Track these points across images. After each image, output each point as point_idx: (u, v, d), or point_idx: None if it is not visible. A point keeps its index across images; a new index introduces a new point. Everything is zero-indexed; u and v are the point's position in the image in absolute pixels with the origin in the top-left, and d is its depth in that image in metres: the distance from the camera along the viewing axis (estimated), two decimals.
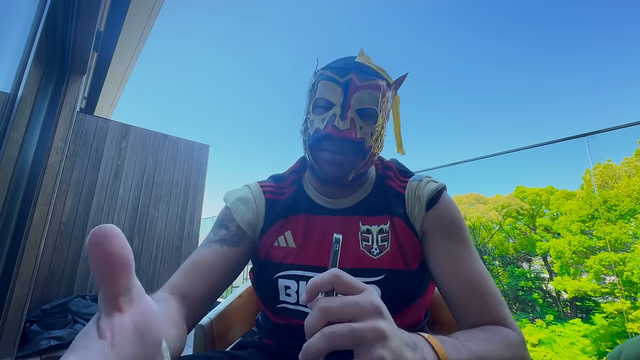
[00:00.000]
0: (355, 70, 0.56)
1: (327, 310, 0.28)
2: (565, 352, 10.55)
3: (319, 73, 0.60)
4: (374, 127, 0.57)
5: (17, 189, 1.64)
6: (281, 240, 0.61)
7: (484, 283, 0.51)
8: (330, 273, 0.30)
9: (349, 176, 0.58)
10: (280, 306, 0.59)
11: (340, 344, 0.27)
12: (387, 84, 0.59)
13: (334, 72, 0.58)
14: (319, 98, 0.58)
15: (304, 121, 0.61)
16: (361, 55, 0.59)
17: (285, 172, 0.71)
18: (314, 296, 0.31)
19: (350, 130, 0.55)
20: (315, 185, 0.66)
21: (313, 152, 0.59)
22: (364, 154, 0.58)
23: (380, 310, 0.30)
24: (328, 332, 0.27)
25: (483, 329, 0.46)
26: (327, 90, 0.57)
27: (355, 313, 0.28)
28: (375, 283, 0.55)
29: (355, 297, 0.29)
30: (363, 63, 0.57)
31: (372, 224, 0.59)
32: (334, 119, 0.55)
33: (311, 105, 0.60)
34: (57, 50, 1.78)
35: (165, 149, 2.99)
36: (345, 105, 0.56)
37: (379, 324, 0.29)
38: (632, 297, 9.40)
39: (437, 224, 0.57)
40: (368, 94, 0.56)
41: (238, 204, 0.64)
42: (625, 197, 10.45)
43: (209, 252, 0.58)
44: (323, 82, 0.58)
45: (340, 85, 0.56)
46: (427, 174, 0.66)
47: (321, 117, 0.57)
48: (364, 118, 0.57)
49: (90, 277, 2.43)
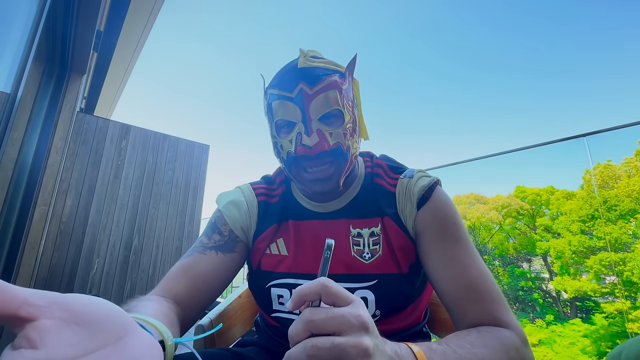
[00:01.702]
0: (302, 79, 0.52)
1: (311, 322, 0.28)
2: (565, 352, 10.54)
3: (269, 93, 0.57)
4: (343, 127, 0.54)
5: (17, 189, 1.64)
6: (273, 247, 0.60)
7: (481, 282, 0.49)
8: (318, 282, 0.30)
9: (339, 184, 0.56)
10: (275, 315, 0.58)
11: (321, 358, 0.27)
12: (340, 75, 0.55)
13: (281, 88, 0.54)
14: (278, 120, 0.55)
15: (274, 145, 0.59)
16: (302, 56, 0.54)
17: (272, 173, 0.70)
18: (299, 305, 0.30)
19: (321, 143, 0.52)
20: (302, 189, 0.63)
21: (295, 175, 0.57)
22: (345, 157, 0.55)
23: (366, 325, 0.29)
24: (309, 345, 0.27)
25: (479, 332, 0.44)
26: (283, 110, 0.54)
27: (340, 326, 0.28)
28: (368, 288, 0.54)
29: (341, 310, 0.29)
30: (307, 66, 0.53)
31: (362, 227, 0.57)
32: (300, 137, 0.53)
33: (274, 129, 0.57)
34: (57, 50, 1.78)
35: (165, 149, 2.99)
36: (306, 120, 0.53)
37: (364, 340, 0.28)
38: (632, 297, 9.39)
39: (429, 222, 0.54)
40: (324, 97, 0.52)
41: (230, 207, 0.62)
42: (625, 197, 10.44)
43: (204, 259, 0.56)
44: (275, 103, 0.55)
45: (293, 101, 0.53)
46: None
47: (288, 139, 0.55)
48: (330, 122, 0.54)
49: (90, 277, 2.43)
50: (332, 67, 0.55)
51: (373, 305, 0.53)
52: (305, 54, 0.55)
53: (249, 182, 0.69)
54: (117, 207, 2.63)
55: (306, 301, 0.30)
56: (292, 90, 0.53)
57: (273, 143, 0.59)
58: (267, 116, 0.59)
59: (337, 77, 0.54)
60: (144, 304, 0.43)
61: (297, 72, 0.53)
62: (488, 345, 0.41)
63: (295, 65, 0.54)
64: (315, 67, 0.53)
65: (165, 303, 0.47)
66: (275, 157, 0.61)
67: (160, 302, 0.46)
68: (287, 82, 0.54)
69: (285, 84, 0.54)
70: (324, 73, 0.54)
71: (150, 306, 0.42)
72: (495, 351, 0.40)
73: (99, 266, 2.48)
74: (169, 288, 0.52)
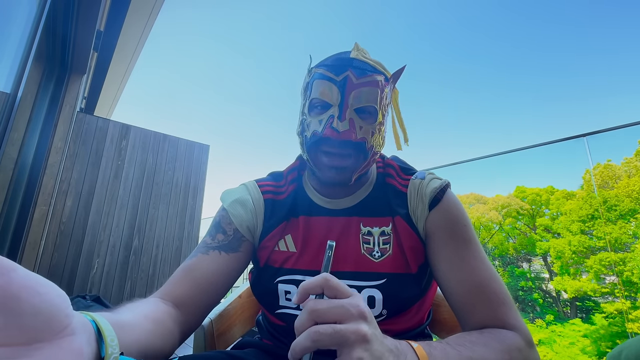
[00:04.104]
0: (351, 67, 0.54)
1: (314, 311, 0.31)
2: (565, 352, 10.54)
3: (313, 71, 0.58)
4: (374, 125, 0.55)
5: (17, 189, 1.64)
6: (281, 244, 0.60)
7: (488, 284, 0.49)
8: (321, 277, 0.33)
9: (352, 178, 0.56)
10: (280, 311, 0.58)
11: (324, 344, 0.29)
12: (385, 78, 0.56)
13: (328, 70, 0.55)
14: (315, 98, 0.56)
15: (300, 122, 0.59)
16: (356, 50, 0.56)
17: (284, 170, 0.69)
18: (304, 298, 0.33)
19: (350, 132, 0.53)
20: (314, 184, 0.64)
21: (312, 156, 0.57)
22: (366, 155, 0.55)
23: (365, 314, 0.32)
24: (313, 331, 0.30)
25: (481, 332, 0.44)
26: (323, 90, 0.54)
27: (341, 315, 0.30)
28: (377, 287, 0.54)
29: (342, 301, 0.31)
30: (359, 58, 0.55)
31: (373, 225, 0.58)
32: (332, 120, 0.53)
33: (307, 106, 0.57)
34: (57, 50, 1.78)
35: (165, 149, 2.99)
36: (343, 106, 0.53)
37: (362, 327, 0.30)
38: (632, 297, 9.39)
39: (441, 224, 0.55)
40: (366, 91, 0.53)
41: (236, 206, 0.61)
42: (625, 197, 10.44)
43: (207, 259, 0.56)
44: (318, 82, 0.55)
45: (337, 84, 0.54)
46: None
47: (318, 119, 0.55)
48: (363, 117, 0.54)
49: (91, 277, 2.43)
50: (380, 69, 0.57)
51: (380, 304, 0.53)
52: (359, 49, 0.57)
53: (255, 179, 0.69)
54: (117, 207, 2.63)
55: (310, 295, 0.33)
56: (339, 74, 0.54)
57: (300, 121, 0.59)
58: (304, 93, 0.60)
59: (382, 79, 0.56)
60: (129, 307, 0.42)
61: (348, 60, 0.55)
62: (488, 344, 0.41)
63: (348, 55, 0.56)
64: (365, 62, 0.55)
65: (162, 306, 0.47)
66: (297, 136, 0.61)
67: (154, 304, 0.46)
68: (337, 66, 0.55)
69: (334, 67, 0.55)
70: (372, 70, 0.55)
71: (134, 308, 0.41)
72: (495, 351, 0.40)
73: (99, 266, 2.47)
74: (170, 291, 0.51)
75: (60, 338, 0.22)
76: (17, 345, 0.20)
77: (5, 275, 0.19)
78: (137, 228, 2.71)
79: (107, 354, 0.26)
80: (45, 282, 0.22)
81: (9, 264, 0.20)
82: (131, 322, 0.36)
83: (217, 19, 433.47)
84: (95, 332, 0.27)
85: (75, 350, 0.23)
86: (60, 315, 0.22)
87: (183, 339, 0.50)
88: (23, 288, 0.20)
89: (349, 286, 0.34)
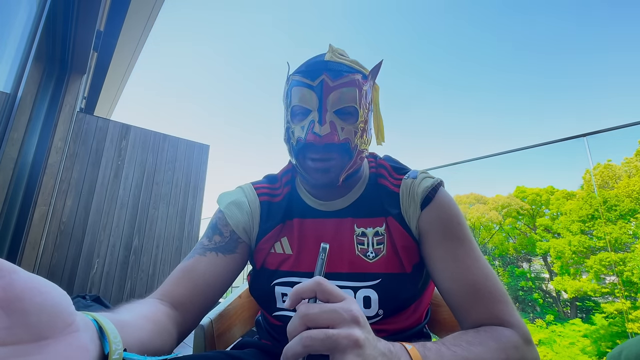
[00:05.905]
0: (326, 70, 0.54)
1: (306, 316, 0.30)
2: (565, 352, 10.55)
3: (291, 79, 0.58)
4: (356, 125, 0.55)
5: (17, 189, 1.64)
6: (277, 246, 0.60)
7: (484, 282, 0.49)
8: (313, 281, 0.32)
9: (339, 179, 0.56)
10: (278, 313, 0.58)
11: (315, 349, 0.29)
12: (362, 76, 0.57)
13: (304, 76, 0.56)
14: (295, 105, 0.56)
15: (285, 130, 0.60)
16: (330, 52, 0.57)
17: (278, 172, 0.70)
18: (297, 302, 0.32)
19: (331, 134, 0.53)
20: (307, 187, 0.64)
21: (299, 162, 0.58)
22: (351, 155, 0.56)
23: (357, 318, 0.31)
24: (305, 336, 0.29)
25: (477, 331, 0.44)
26: (301, 97, 0.55)
27: (333, 320, 0.30)
28: (372, 287, 0.54)
29: (334, 305, 0.31)
30: (333, 60, 0.55)
31: (367, 226, 0.58)
32: (313, 125, 0.54)
33: (289, 114, 0.58)
34: (57, 50, 1.78)
35: (165, 149, 2.99)
36: (322, 109, 0.54)
37: (354, 332, 0.30)
38: (632, 297, 9.40)
39: (433, 223, 0.55)
40: (344, 92, 0.54)
41: (232, 208, 0.62)
42: (625, 197, 10.45)
43: (205, 261, 0.56)
44: (295, 89, 0.56)
45: (313, 89, 0.54)
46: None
47: (300, 125, 0.56)
48: (344, 118, 0.55)
49: (91, 277, 2.43)
50: (357, 67, 0.57)
51: (376, 305, 0.54)
52: (333, 50, 0.57)
53: (251, 181, 0.69)
54: (117, 207, 2.63)
55: (303, 299, 0.32)
56: (314, 79, 0.54)
57: (285, 129, 0.60)
58: (285, 101, 0.60)
59: (359, 77, 0.56)
60: (128, 307, 0.42)
61: (323, 63, 0.55)
62: (484, 343, 0.41)
63: (322, 58, 0.56)
64: (340, 63, 0.55)
65: (160, 306, 0.47)
66: (285, 143, 0.62)
67: (153, 305, 0.46)
68: (311, 71, 0.55)
69: (309, 72, 0.55)
70: (348, 70, 0.55)
71: (133, 309, 0.42)
72: (492, 349, 0.40)
73: (99, 266, 2.47)
74: (168, 291, 0.52)
75: (66, 335, 0.23)
76: (26, 343, 0.20)
77: (6, 277, 0.20)
78: (137, 228, 2.71)
79: (112, 350, 0.26)
80: (47, 282, 0.23)
81: (10, 266, 0.20)
82: (131, 321, 0.37)
83: (217, 19, 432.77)
84: (97, 331, 0.27)
85: (82, 346, 0.23)
86: (64, 313, 0.23)
87: (181, 339, 0.50)
88: (25, 288, 0.20)
89: (344, 287, 0.34)
